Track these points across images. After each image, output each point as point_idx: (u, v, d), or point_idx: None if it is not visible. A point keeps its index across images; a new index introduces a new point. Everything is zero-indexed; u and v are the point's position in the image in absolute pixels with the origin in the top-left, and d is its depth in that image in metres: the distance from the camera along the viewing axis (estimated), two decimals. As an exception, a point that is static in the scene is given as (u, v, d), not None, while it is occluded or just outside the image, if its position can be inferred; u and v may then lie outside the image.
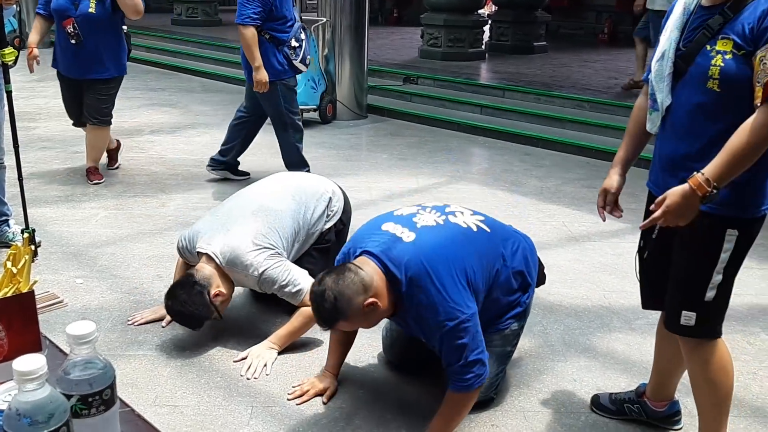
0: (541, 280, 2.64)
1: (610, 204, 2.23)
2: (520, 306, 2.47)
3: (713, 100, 1.86)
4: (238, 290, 3.32)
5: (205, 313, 2.70)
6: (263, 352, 2.76)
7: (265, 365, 2.70)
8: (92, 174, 4.97)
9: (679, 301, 2.02)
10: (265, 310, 3.19)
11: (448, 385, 2.23)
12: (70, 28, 4.45)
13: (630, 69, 9.83)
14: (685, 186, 1.82)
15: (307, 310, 2.72)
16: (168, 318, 2.96)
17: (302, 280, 2.79)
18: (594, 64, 10.04)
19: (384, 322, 2.80)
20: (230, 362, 2.75)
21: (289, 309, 3.15)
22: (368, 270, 2.17)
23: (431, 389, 2.59)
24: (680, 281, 2.02)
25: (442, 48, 10.07)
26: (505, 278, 2.39)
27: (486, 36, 11.19)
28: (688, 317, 1.99)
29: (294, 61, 4.64)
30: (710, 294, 1.96)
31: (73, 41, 4.48)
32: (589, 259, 3.86)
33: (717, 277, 1.94)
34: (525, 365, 2.80)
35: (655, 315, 3.15)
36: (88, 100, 4.74)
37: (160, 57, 10.99)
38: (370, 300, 2.12)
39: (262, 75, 4.51)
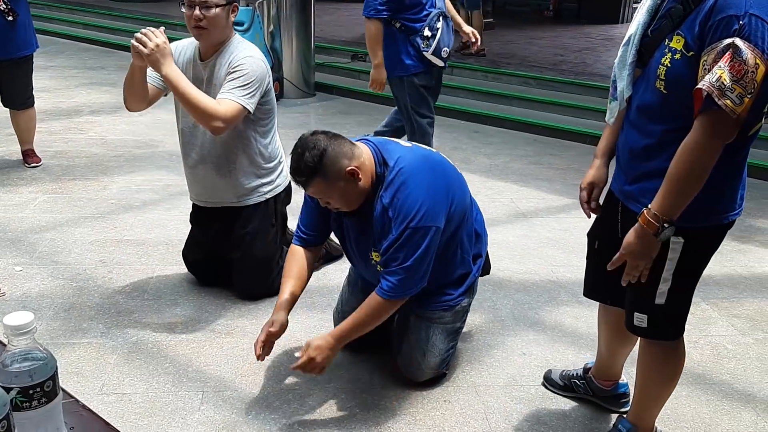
0: (486, 270, 2.67)
1: (596, 199, 2.09)
2: (469, 279, 2.50)
3: (660, 100, 1.73)
4: (185, 276, 3.26)
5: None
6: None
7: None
8: (29, 156, 4.78)
9: (630, 302, 1.96)
10: (214, 294, 3.14)
11: (375, 289, 2.25)
12: (2, 5, 4.24)
13: (575, 45, 9.98)
14: (636, 225, 1.74)
15: None
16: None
17: (251, 101, 2.72)
18: (539, 41, 10.15)
19: (334, 301, 2.79)
20: (179, 347, 2.71)
21: (235, 294, 3.12)
22: (361, 147, 2.22)
23: (383, 366, 2.60)
24: (630, 284, 1.90)
25: (390, 25, 10.01)
26: (470, 226, 2.46)
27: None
28: (640, 319, 1.93)
29: (425, 53, 4.04)
30: (660, 300, 1.87)
31: (9, 18, 4.27)
32: (536, 235, 3.92)
33: (665, 284, 1.85)
34: (476, 340, 2.83)
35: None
36: (16, 82, 4.53)
37: (98, 34, 10.63)
38: (354, 166, 2.14)
39: (380, 74, 4.12)
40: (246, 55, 2.75)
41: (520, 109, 6.76)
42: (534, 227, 4.03)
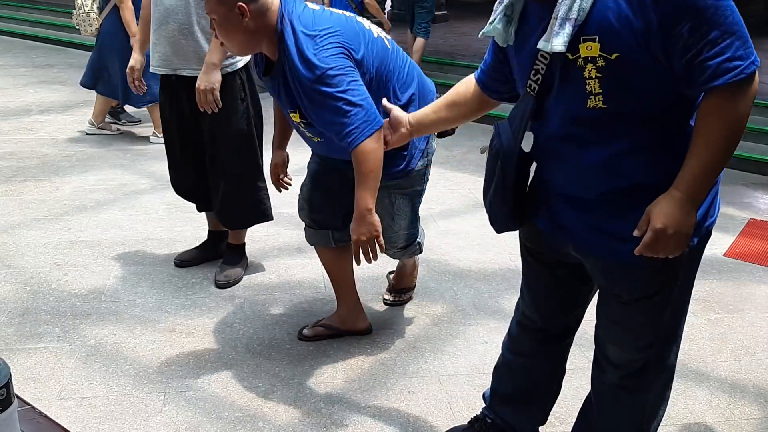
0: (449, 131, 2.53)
1: None
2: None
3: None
4: (143, 276, 3.22)
5: None
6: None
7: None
8: (-24, 159, 4.66)
9: None
10: (173, 294, 3.10)
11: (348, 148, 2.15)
12: None
13: (528, 36, 10.01)
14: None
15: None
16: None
17: None
18: (494, 32, 10.22)
19: (296, 296, 2.79)
20: (138, 349, 2.67)
21: (195, 293, 3.08)
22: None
23: (347, 359, 2.61)
24: None
25: (345, 18, 9.98)
26: (399, 69, 2.36)
27: (388, 6, 11.16)
28: None
29: None
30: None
31: None
32: (495, 224, 3.96)
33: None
34: (438, 330, 2.86)
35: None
36: None
37: (46, 32, 10.35)
38: (243, 4, 2.06)
39: None
40: None
41: (476, 100, 6.80)
42: (492, 217, 4.07)
